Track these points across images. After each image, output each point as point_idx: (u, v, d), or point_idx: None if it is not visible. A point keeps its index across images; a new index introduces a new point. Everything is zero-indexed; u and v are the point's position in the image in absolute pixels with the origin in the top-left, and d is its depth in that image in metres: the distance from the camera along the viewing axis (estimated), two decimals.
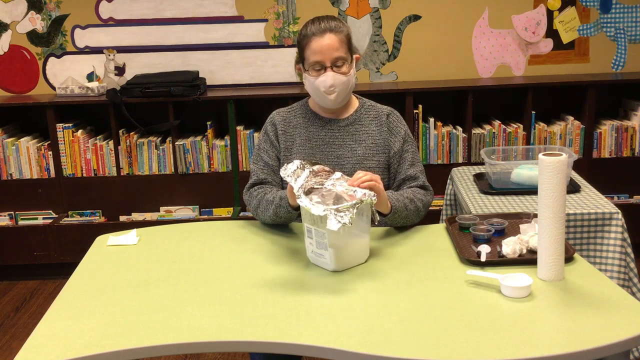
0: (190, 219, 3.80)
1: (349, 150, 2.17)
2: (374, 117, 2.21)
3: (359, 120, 2.21)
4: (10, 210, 3.82)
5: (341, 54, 2.09)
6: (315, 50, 2.08)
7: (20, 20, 3.89)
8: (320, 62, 2.09)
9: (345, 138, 2.19)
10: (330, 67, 2.09)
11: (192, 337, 1.48)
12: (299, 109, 2.26)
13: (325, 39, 2.07)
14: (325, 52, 2.08)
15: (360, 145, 2.17)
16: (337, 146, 2.18)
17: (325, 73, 2.09)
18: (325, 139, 2.19)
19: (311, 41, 2.09)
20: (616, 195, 3.80)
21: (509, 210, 2.36)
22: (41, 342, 1.49)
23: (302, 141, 2.19)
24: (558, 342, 1.39)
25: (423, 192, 2.16)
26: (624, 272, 2.32)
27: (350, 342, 1.42)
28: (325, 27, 2.09)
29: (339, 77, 2.10)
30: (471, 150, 3.73)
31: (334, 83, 2.09)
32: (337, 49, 2.08)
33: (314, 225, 1.77)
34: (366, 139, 2.18)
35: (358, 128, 2.20)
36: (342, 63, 2.10)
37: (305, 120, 2.23)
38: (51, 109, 3.68)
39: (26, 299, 3.55)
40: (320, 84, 2.10)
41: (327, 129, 2.20)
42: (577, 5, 3.85)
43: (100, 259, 1.97)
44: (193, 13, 3.89)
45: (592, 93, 3.67)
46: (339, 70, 2.10)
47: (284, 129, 2.22)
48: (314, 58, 2.09)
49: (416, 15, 3.88)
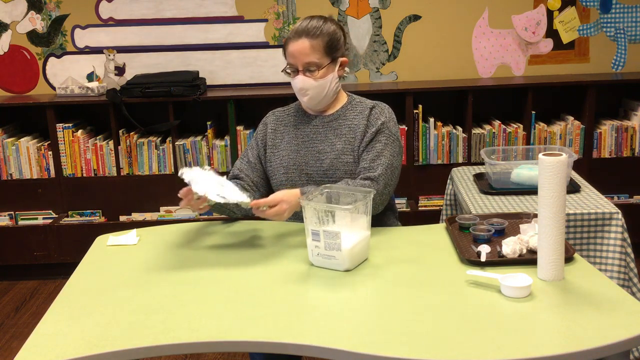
0: (190, 219, 3.80)
1: (329, 144, 2.18)
2: (359, 111, 2.21)
3: (343, 115, 2.21)
4: (10, 210, 3.82)
5: (313, 59, 2.09)
6: (289, 53, 2.12)
7: (20, 20, 3.89)
8: (292, 64, 2.12)
9: (328, 133, 2.20)
10: (302, 71, 2.11)
11: (192, 337, 1.48)
12: (293, 108, 2.31)
13: (299, 43, 2.08)
14: (296, 57, 2.10)
15: (340, 139, 2.17)
16: (319, 141, 2.20)
17: (297, 76, 2.12)
18: (309, 134, 2.21)
19: (288, 43, 2.12)
20: (616, 195, 3.80)
21: (509, 210, 2.36)
22: (41, 342, 1.49)
23: (290, 138, 2.23)
24: (558, 342, 1.39)
25: (365, 183, 2.05)
26: (624, 272, 2.32)
27: (350, 342, 1.42)
28: (303, 30, 2.09)
29: (309, 82, 2.11)
30: (471, 150, 3.73)
31: (304, 87, 2.12)
32: (308, 54, 2.08)
33: (322, 227, 1.77)
34: (347, 133, 2.18)
35: (341, 123, 2.20)
36: (314, 68, 2.10)
37: (296, 118, 2.27)
38: (51, 109, 3.68)
39: (26, 299, 3.55)
40: (293, 86, 2.16)
41: (312, 125, 2.22)
42: (577, 5, 3.86)
43: (100, 259, 1.97)
44: (193, 13, 3.89)
45: (592, 93, 3.67)
46: (311, 75, 2.11)
47: (275, 127, 2.27)
48: (288, 60, 2.13)
49: (416, 15, 3.88)
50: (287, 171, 2.19)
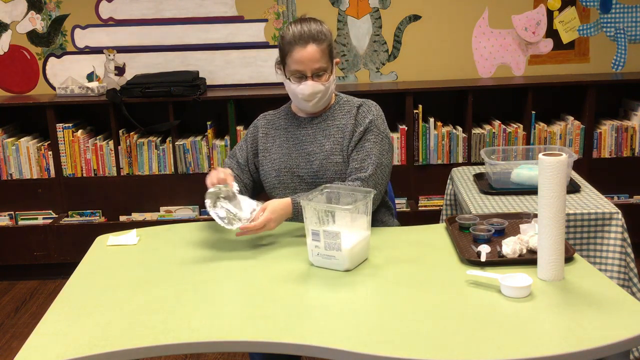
0: (190, 219, 3.80)
1: (318, 146, 2.18)
2: (346, 111, 2.20)
3: (331, 115, 2.21)
4: (10, 210, 3.82)
5: (322, 64, 2.09)
6: (296, 59, 2.08)
7: (20, 20, 3.89)
8: (301, 71, 2.09)
9: (317, 134, 2.20)
10: (311, 77, 2.10)
11: (192, 337, 1.48)
12: (283, 110, 2.31)
13: (308, 49, 2.07)
14: (306, 63, 2.08)
15: (328, 140, 2.17)
16: (309, 143, 2.20)
17: (305, 82, 2.10)
18: (299, 137, 2.21)
19: (293, 50, 2.08)
20: (616, 195, 3.79)
21: (509, 210, 2.36)
22: (41, 342, 1.49)
23: (280, 142, 2.23)
24: (558, 342, 1.39)
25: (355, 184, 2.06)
26: (624, 272, 2.32)
27: (350, 342, 1.42)
28: (309, 35, 2.07)
29: (318, 87, 2.11)
30: (471, 150, 3.73)
31: (314, 92, 2.11)
32: (318, 60, 2.08)
33: (322, 227, 1.77)
34: (335, 133, 2.18)
35: (330, 123, 2.20)
36: (322, 73, 2.11)
37: (286, 121, 2.27)
38: (51, 109, 3.68)
39: (26, 299, 3.55)
40: (299, 92, 2.12)
41: (302, 127, 2.22)
42: (577, 5, 3.85)
43: (100, 259, 1.97)
44: (193, 13, 3.89)
45: (592, 93, 3.67)
46: (319, 80, 2.11)
47: (266, 131, 2.27)
48: (295, 67, 2.10)
49: (416, 15, 3.88)
50: (278, 174, 2.20)
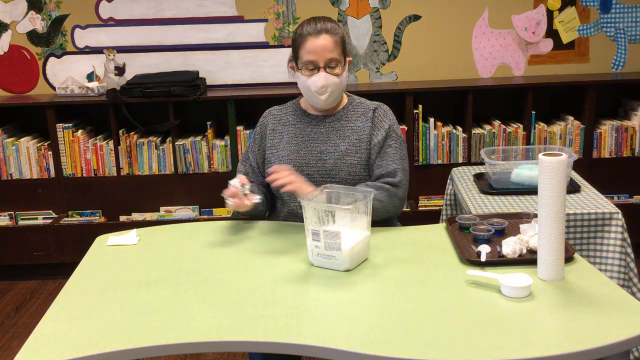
0: (190, 219, 3.80)
1: (332, 145, 2.18)
2: (361, 113, 2.22)
3: (345, 116, 2.22)
4: (10, 210, 3.82)
5: (335, 55, 2.10)
6: (309, 49, 2.09)
7: (20, 20, 3.89)
8: (313, 61, 2.10)
9: (330, 134, 2.20)
10: (323, 67, 2.10)
11: (192, 337, 1.48)
12: (291, 106, 2.30)
13: (321, 39, 2.08)
14: (319, 53, 2.09)
15: (343, 141, 2.18)
16: (321, 142, 2.19)
17: (318, 73, 2.11)
18: (310, 134, 2.21)
19: (306, 41, 2.10)
20: (616, 195, 3.80)
21: (509, 210, 2.36)
22: (41, 342, 1.49)
23: (289, 138, 2.23)
24: (558, 342, 1.39)
25: (390, 187, 2.12)
26: (624, 272, 2.32)
27: (350, 342, 1.42)
28: (322, 27, 2.10)
29: (331, 78, 2.11)
30: (471, 150, 3.73)
31: (326, 83, 2.11)
32: (332, 50, 2.09)
33: (322, 227, 1.77)
34: (350, 134, 2.19)
35: (344, 124, 2.21)
36: (335, 64, 2.11)
37: (295, 117, 2.26)
38: (51, 109, 3.68)
39: (26, 299, 3.55)
40: (312, 84, 2.12)
41: (313, 125, 2.22)
42: (577, 5, 3.85)
43: (100, 259, 1.97)
44: (193, 13, 3.89)
45: (592, 93, 3.67)
46: (332, 71, 2.11)
47: (274, 127, 2.27)
48: (307, 57, 2.10)
49: (416, 15, 3.88)
50: None
